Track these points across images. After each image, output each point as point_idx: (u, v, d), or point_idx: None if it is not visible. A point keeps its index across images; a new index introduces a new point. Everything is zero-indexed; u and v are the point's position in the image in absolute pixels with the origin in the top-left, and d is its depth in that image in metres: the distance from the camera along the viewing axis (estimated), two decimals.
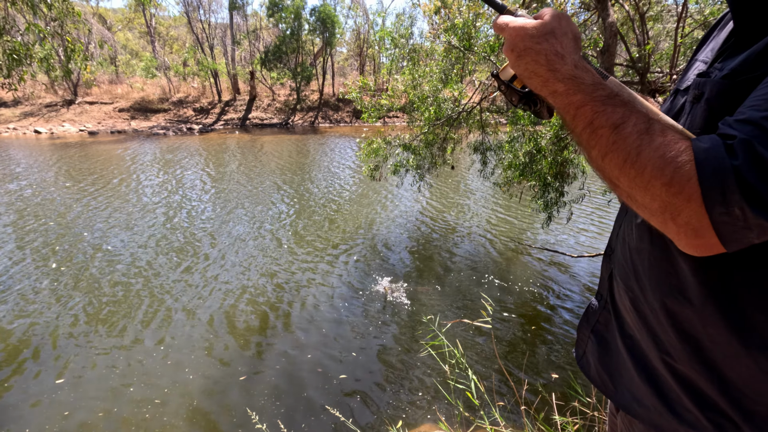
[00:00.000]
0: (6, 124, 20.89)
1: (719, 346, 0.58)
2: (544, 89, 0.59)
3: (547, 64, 0.57)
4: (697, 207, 0.45)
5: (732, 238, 0.45)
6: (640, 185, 0.49)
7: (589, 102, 0.54)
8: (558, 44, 0.58)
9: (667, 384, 0.66)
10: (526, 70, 0.60)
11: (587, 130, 0.54)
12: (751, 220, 0.43)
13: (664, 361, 0.65)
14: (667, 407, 0.66)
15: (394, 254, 6.53)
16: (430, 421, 2.93)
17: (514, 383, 3.30)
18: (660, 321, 0.64)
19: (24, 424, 3.10)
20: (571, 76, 0.55)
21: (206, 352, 3.96)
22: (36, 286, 5.19)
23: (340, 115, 27.76)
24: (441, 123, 7.69)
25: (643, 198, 0.49)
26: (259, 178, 11.54)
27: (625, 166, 0.50)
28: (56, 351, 3.93)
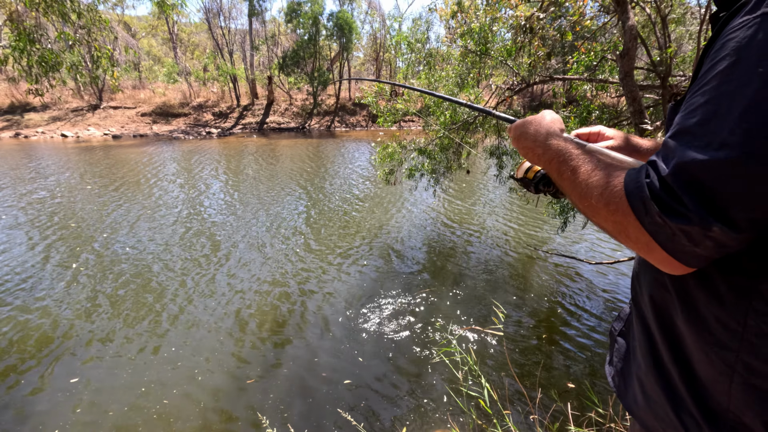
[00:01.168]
0: (35, 128, 21.67)
1: (689, 340, 0.60)
2: (534, 157, 0.81)
3: (532, 139, 0.81)
4: (634, 220, 0.54)
5: (674, 248, 0.52)
6: (593, 213, 0.61)
7: (555, 158, 0.72)
8: (538, 126, 0.82)
9: (649, 382, 0.69)
10: (524, 147, 0.83)
11: (559, 179, 0.71)
12: (673, 227, 0.50)
13: (650, 357, 0.68)
14: (648, 405, 0.69)
15: (407, 259, 6.52)
16: (442, 428, 2.90)
17: (528, 392, 3.25)
18: (649, 315, 0.69)
19: (38, 418, 3.19)
20: (545, 144, 0.77)
21: (219, 354, 4.02)
22: (56, 285, 5.35)
23: (356, 119, 27.93)
24: (456, 127, 7.67)
25: (601, 222, 0.61)
26: (276, 182, 11.67)
27: (583, 199, 0.63)
28: (72, 349, 4.04)
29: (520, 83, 6.67)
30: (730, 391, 0.56)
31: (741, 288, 0.53)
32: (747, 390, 0.54)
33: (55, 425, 3.12)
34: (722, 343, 0.56)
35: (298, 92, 29.75)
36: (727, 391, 0.56)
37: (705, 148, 0.48)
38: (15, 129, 21.38)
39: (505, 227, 8.13)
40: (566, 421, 2.58)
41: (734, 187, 0.46)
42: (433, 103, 7.56)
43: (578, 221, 6.74)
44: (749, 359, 0.53)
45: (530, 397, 2.99)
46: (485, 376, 2.30)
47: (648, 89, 5.85)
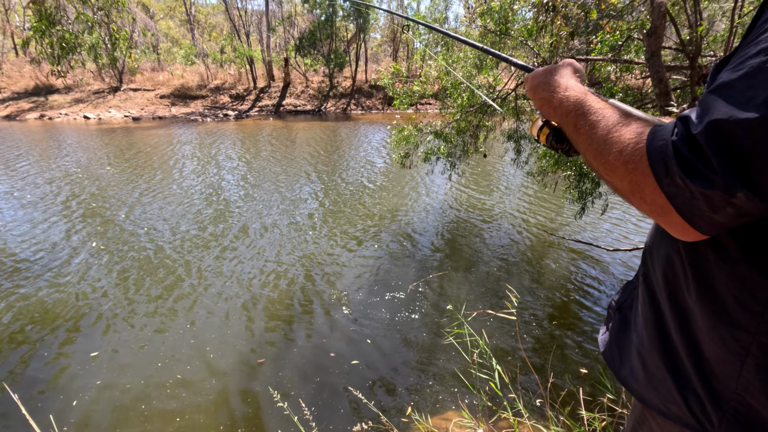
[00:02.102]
0: (58, 110, 22.16)
1: (700, 319, 0.59)
2: (549, 109, 0.76)
3: (548, 89, 0.76)
4: (653, 181, 0.51)
5: (690, 213, 0.49)
6: (609, 170, 0.57)
7: (573, 110, 0.68)
8: (558, 76, 0.77)
9: (652, 358, 0.68)
10: (540, 98, 0.79)
11: (574, 133, 0.67)
12: (694, 190, 0.47)
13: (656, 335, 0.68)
14: (648, 380, 0.69)
15: (422, 242, 6.52)
16: (453, 410, 2.94)
17: (540, 376, 3.25)
18: (660, 292, 0.67)
19: (60, 389, 3.35)
20: (564, 95, 0.72)
21: (232, 332, 4.12)
22: (76, 262, 5.54)
23: (372, 102, 27.69)
24: (474, 110, 7.53)
25: (615, 181, 0.57)
26: (292, 165, 11.73)
27: (599, 156, 0.59)
28: (92, 325, 4.20)
29: (541, 64, 6.48)
30: (741, 372, 0.55)
31: (765, 269, 0.51)
32: (760, 372, 0.53)
33: (75, 396, 3.26)
34: (739, 324, 0.54)
35: (314, 74, 29.58)
36: (736, 373, 0.55)
37: (745, 105, 0.44)
38: (40, 111, 21.90)
39: (521, 212, 8.03)
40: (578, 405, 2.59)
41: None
42: (451, 85, 7.42)
43: (596, 207, 6.59)
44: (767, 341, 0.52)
45: (541, 381, 3.00)
46: (496, 359, 2.31)
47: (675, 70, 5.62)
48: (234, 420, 3.06)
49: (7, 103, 22.74)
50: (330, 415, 3.04)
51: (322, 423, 2.91)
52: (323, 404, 3.16)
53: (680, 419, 0.64)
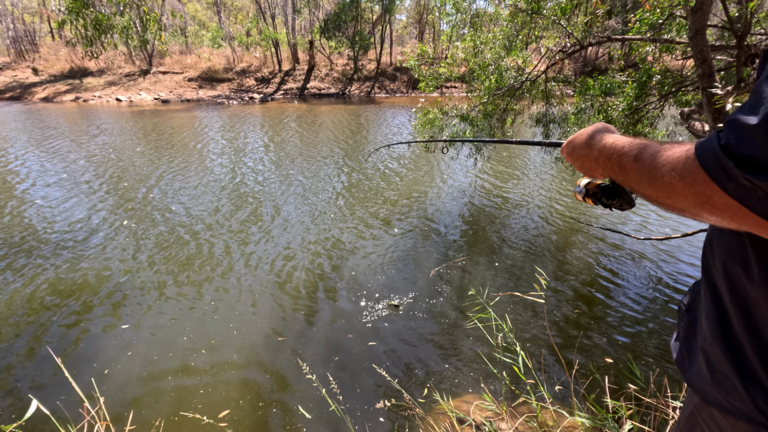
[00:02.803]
0: (92, 92, 22.86)
1: (765, 307, 0.57)
2: (591, 163, 0.80)
3: (586, 146, 0.81)
4: (717, 188, 0.50)
5: (765, 210, 0.47)
6: (669, 191, 0.57)
7: (614, 153, 0.71)
8: (586, 133, 0.83)
9: (715, 351, 0.66)
10: (580, 157, 0.83)
11: (621, 173, 0.69)
12: (759, 185, 0.45)
13: (718, 327, 0.66)
14: (713, 376, 0.67)
15: (445, 227, 6.47)
16: (474, 392, 2.95)
17: (565, 363, 3.21)
18: (721, 283, 0.65)
19: (93, 358, 3.53)
20: (601, 146, 0.76)
21: (256, 310, 4.23)
22: (107, 238, 5.76)
23: (396, 85, 27.36)
24: (502, 93, 7.34)
25: (680, 201, 0.56)
26: (315, 148, 11.78)
27: (654, 181, 0.59)
28: (122, 299, 4.39)
29: (573, 45, 6.23)
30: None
31: None
32: None
33: (106, 366, 3.43)
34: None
35: (338, 57, 29.39)
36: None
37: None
38: (75, 93, 22.65)
39: (549, 198, 7.85)
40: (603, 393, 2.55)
41: None
42: (478, 67, 7.24)
43: None
44: None
45: (566, 368, 2.96)
46: (521, 344, 2.29)
47: (720, 50, 5.30)
48: (256, 392, 3.16)
49: (45, 85, 23.61)
50: (351, 393, 3.10)
51: (344, 399, 2.97)
52: (343, 382, 3.22)
53: (744, 414, 0.62)
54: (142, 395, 3.09)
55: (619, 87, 5.75)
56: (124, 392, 3.10)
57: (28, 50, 27.74)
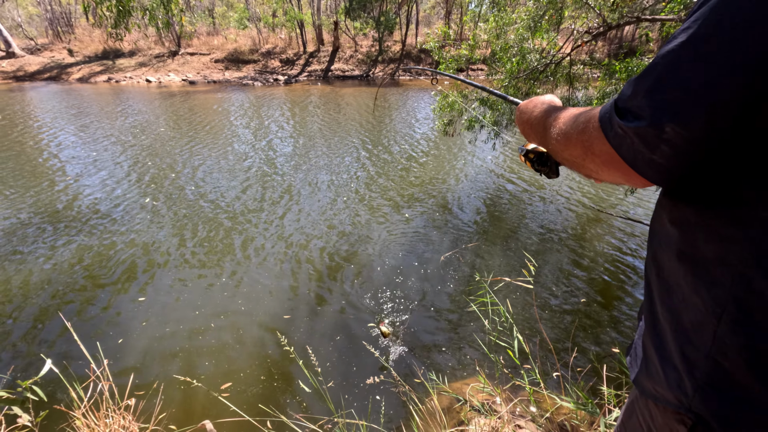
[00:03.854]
0: (124, 73, 23.51)
1: (684, 285, 0.58)
2: (528, 127, 0.89)
3: (527, 112, 0.90)
4: (601, 135, 0.57)
5: (633, 157, 0.53)
6: (567, 144, 0.66)
7: (543, 116, 0.80)
8: (533, 104, 0.90)
9: (647, 342, 0.67)
10: (520, 123, 0.94)
11: (544, 134, 0.78)
12: (629, 132, 0.51)
13: (649, 316, 0.67)
14: (646, 366, 0.67)
15: (461, 211, 6.44)
16: (470, 375, 3.00)
17: (563, 350, 3.21)
18: (651, 271, 0.67)
19: (108, 327, 3.76)
20: (539, 109, 0.85)
21: (267, 287, 4.37)
22: (131, 215, 6.02)
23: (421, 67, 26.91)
24: (524, 76, 7.16)
25: (572, 149, 0.65)
26: (336, 130, 11.83)
27: (568, 143, 0.67)
28: (143, 272, 4.61)
29: (600, 26, 5.98)
30: (716, 333, 0.53)
31: (741, 219, 0.49)
32: (735, 329, 0.51)
33: (122, 334, 3.65)
34: (716, 281, 0.52)
35: (363, 38, 29.07)
36: (712, 335, 0.53)
37: (669, 43, 0.49)
38: (108, 74, 23.35)
39: (568, 184, 7.67)
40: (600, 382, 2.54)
41: (685, 76, 0.46)
42: (500, 49, 7.05)
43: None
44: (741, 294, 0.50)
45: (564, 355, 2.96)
46: (520, 330, 2.31)
47: None
48: (258, 367, 3.30)
49: (80, 66, 24.41)
50: (350, 370, 3.20)
51: (343, 376, 3.08)
52: (342, 360, 3.33)
53: (665, 399, 0.62)
54: (150, 363, 3.29)
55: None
56: (134, 359, 3.31)
57: (64, 31, 28.66)
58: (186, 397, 2.88)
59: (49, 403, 1.54)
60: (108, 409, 1.54)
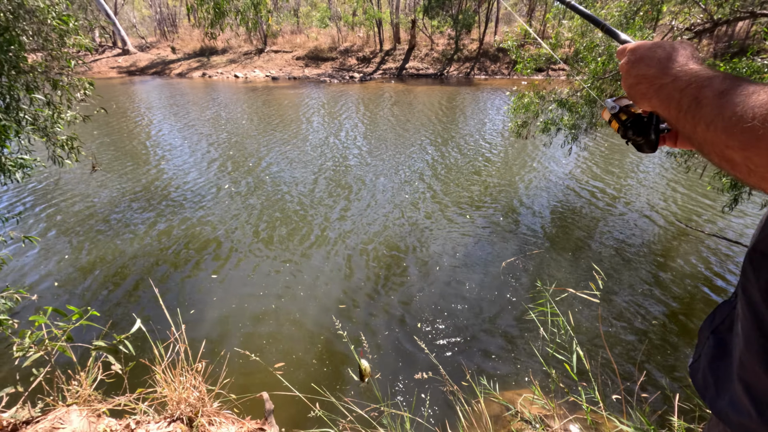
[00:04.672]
0: (216, 69, 25.61)
1: None
2: (650, 88, 0.66)
3: (658, 64, 0.66)
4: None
5: None
6: (749, 144, 0.48)
7: (694, 82, 0.58)
8: (672, 50, 0.66)
9: (763, 384, 0.58)
10: (639, 75, 0.68)
11: (694, 105, 0.57)
12: None
13: (764, 356, 0.57)
14: (760, 411, 0.58)
15: (528, 217, 6.20)
16: (521, 385, 2.89)
17: (628, 373, 2.97)
18: (763, 304, 0.57)
19: (184, 297, 4.15)
20: (680, 71, 0.62)
21: (328, 276, 4.55)
22: (212, 200, 6.57)
23: (497, 67, 26.12)
24: (610, 77, 6.69)
25: (757, 160, 0.48)
26: (407, 128, 11.91)
27: (735, 127, 0.50)
28: (218, 250, 5.02)
29: (705, 22, 5.40)
30: None
31: None
32: None
33: (194, 306, 4.03)
34: None
35: (440, 36, 28.85)
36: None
37: None
38: (203, 69, 25.58)
39: (652, 197, 7.03)
40: (670, 411, 2.33)
41: None
42: (584, 48, 6.64)
43: (755, 199, 5.45)
44: None
45: (629, 376, 2.74)
46: (580, 344, 2.19)
47: None
48: (312, 351, 3.45)
49: (180, 62, 27.01)
50: (398, 365, 3.24)
51: (392, 370, 3.13)
52: (390, 351, 3.37)
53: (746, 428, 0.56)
54: (217, 334, 3.61)
55: (758, 72, 4.86)
56: (203, 328, 3.65)
57: (170, 31, 31.84)
58: (246, 369, 3.12)
59: (136, 357, 1.76)
60: (182, 368, 1.73)
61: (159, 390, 1.68)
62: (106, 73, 25.71)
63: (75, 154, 4.45)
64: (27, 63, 3.77)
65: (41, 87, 4.04)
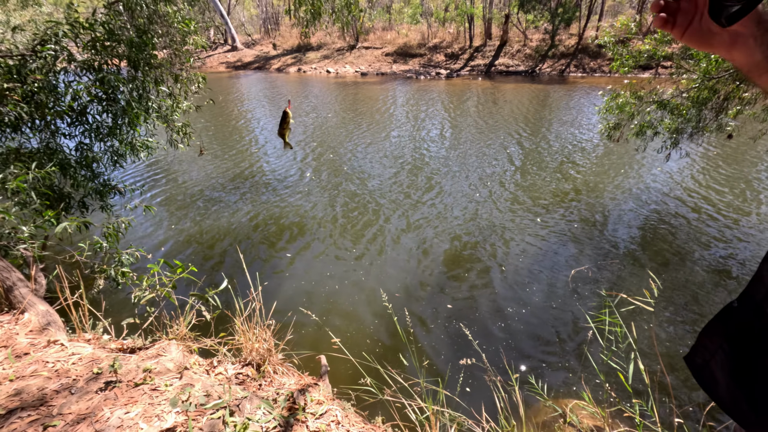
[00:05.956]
0: (310, 65, 27.20)
1: None
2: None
3: None
4: None
5: None
6: None
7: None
8: None
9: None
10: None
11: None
12: None
13: None
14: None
15: (611, 226, 5.82)
16: (573, 394, 2.81)
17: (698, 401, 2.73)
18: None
19: (262, 269, 4.62)
20: None
21: (390, 266, 4.74)
22: (303, 186, 7.11)
23: (597, 63, 24.21)
24: (727, 75, 6.01)
25: None
26: (491, 126, 11.69)
27: None
28: (293, 232, 5.47)
29: None
30: None
31: None
32: None
33: (270, 277, 4.49)
34: None
35: (534, 32, 27.50)
36: None
37: None
38: (298, 65, 27.35)
39: (759, 212, 6.16)
40: None
41: None
42: None
43: None
44: None
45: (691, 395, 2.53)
46: (644, 357, 2.13)
47: None
48: (365, 333, 3.67)
49: (279, 58, 29.13)
50: (452, 357, 3.33)
51: (444, 360, 3.23)
52: (447, 347, 3.46)
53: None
54: (283, 303, 3.99)
55: None
56: (273, 296, 4.07)
57: (272, 29, 34.44)
58: (308, 337, 3.46)
59: (222, 309, 2.11)
60: (256, 322, 2.04)
61: (236, 338, 2.00)
62: (216, 68, 28.68)
63: (188, 139, 5.18)
64: (157, 60, 4.47)
65: (165, 80, 4.76)
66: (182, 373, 1.74)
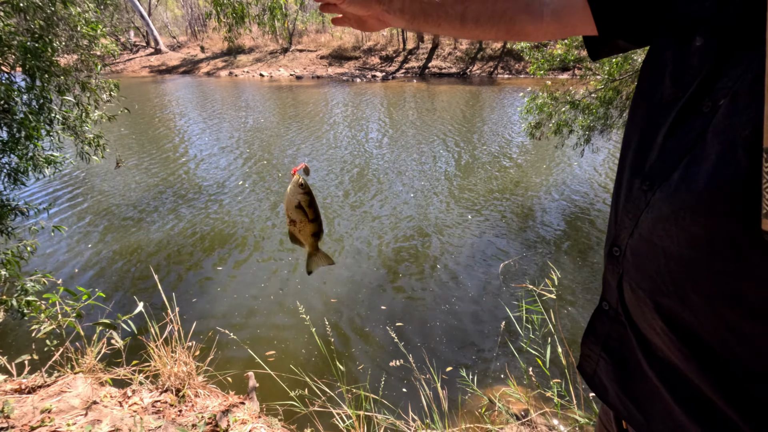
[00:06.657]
0: (242, 68, 26.30)
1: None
2: None
3: None
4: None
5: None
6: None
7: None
8: None
9: (720, 416, 0.53)
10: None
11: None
12: None
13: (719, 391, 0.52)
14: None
15: (537, 220, 6.22)
16: (502, 379, 2.99)
17: None
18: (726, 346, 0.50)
19: (191, 287, 4.42)
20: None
21: (326, 274, 4.73)
22: (231, 196, 6.87)
23: (521, 65, 25.76)
24: (628, 77, 6.63)
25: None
26: (427, 127, 12.01)
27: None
28: (226, 246, 5.30)
29: None
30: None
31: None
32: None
33: (198, 295, 4.30)
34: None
35: None
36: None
37: None
38: (229, 68, 26.32)
39: None
40: None
41: None
42: None
43: None
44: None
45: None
46: (565, 342, 2.30)
47: None
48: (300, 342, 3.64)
49: (208, 61, 27.87)
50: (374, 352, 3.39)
51: (377, 360, 3.28)
52: (378, 346, 3.52)
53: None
54: (208, 321, 3.85)
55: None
56: (198, 315, 3.91)
57: (199, 31, 32.86)
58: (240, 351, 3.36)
59: (136, 334, 1.98)
60: (175, 345, 1.94)
61: (152, 364, 1.89)
62: (138, 72, 26.82)
63: (101, 151, 4.80)
64: (60, 67, 4.10)
65: (71, 89, 4.37)
66: (89, 409, 1.62)
